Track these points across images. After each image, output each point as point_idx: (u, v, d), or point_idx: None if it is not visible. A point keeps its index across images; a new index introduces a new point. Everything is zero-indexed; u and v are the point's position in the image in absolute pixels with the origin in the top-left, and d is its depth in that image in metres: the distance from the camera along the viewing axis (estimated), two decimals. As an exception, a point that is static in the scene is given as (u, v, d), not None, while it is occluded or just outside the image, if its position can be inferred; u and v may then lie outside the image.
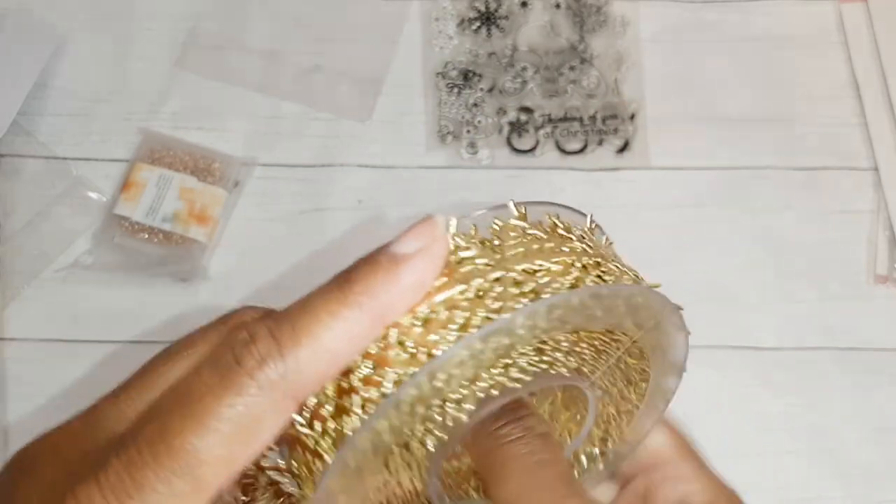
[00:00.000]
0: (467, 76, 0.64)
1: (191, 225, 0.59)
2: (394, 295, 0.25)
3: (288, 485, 0.29)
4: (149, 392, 0.26)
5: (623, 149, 0.62)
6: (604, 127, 0.63)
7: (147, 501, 0.23)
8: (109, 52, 0.64)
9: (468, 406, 0.26)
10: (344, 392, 0.26)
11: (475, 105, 0.63)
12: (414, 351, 0.25)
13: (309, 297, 0.26)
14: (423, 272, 0.25)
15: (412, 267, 0.25)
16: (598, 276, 0.27)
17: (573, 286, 0.26)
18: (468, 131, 0.63)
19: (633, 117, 0.63)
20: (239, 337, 0.25)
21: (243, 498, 0.30)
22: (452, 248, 0.27)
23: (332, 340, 0.25)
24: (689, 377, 0.58)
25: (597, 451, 0.33)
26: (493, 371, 0.26)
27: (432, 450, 0.27)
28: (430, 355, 0.25)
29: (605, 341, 0.29)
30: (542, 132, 0.63)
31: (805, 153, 0.63)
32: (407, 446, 0.27)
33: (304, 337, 0.25)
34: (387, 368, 0.25)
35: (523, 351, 0.27)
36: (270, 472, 0.28)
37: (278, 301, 0.62)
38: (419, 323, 0.25)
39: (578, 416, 0.32)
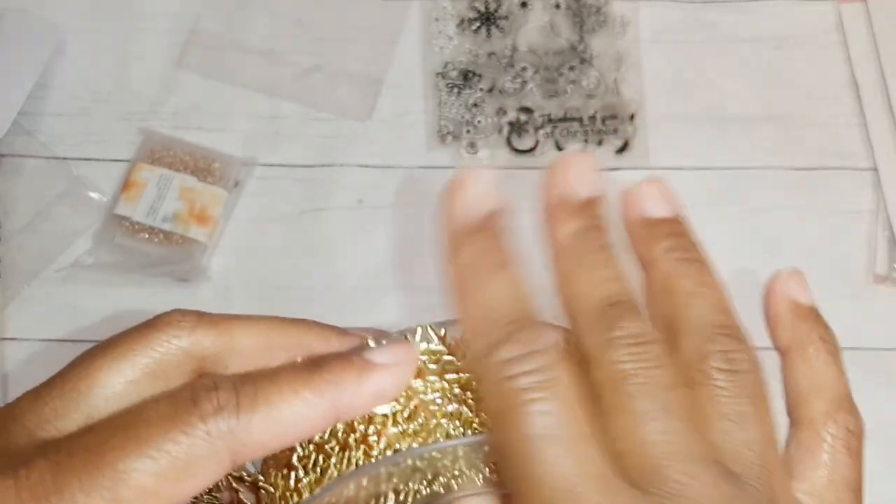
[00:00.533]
0: (467, 76, 0.64)
1: (191, 225, 0.59)
2: (356, 395, 0.26)
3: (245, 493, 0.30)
4: (70, 393, 0.26)
5: (623, 149, 0.62)
6: (603, 127, 0.63)
7: None
8: (109, 52, 0.64)
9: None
10: (352, 430, 0.27)
11: (475, 105, 0.63)
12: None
13: (278, 370, 0.27)
14: (387, 385, 0.27)
15: (380, 376, 0.27)
16: None
17: None
18: (468, 131, 0.63)
19: (632, 117, 0.63)
20: (204, 381, 0.26)
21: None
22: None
23: (287, 415, 0.25)
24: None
25: None
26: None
27: None
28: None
29: None
30: (541, 132, 0.63)
31: (804, 153, 0.63)
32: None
33: (263, 403, 0.25)
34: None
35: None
36: (237, 483, 0.29)
37: (280, 301, 0.63)
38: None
39: None
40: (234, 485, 0.30)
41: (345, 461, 0.27)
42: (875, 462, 0.56)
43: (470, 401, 0.28)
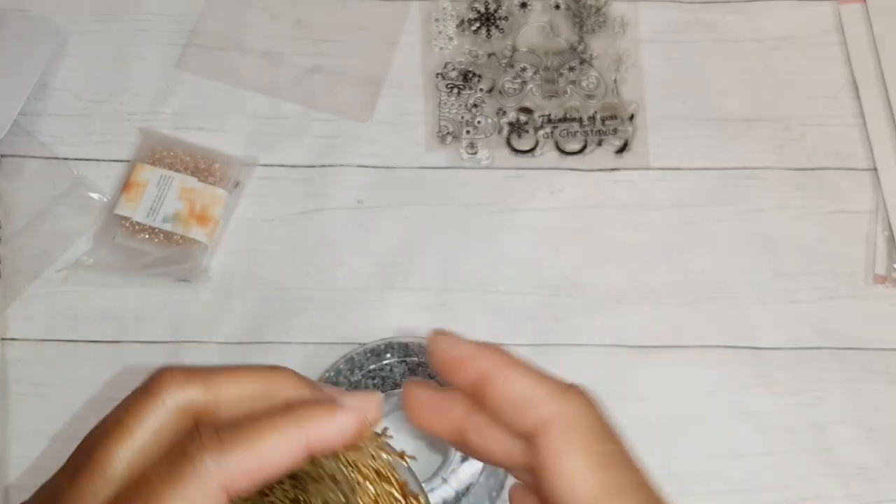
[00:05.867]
0: (467, 77, 0.64)
1: (191, 225, 0.59)
2: (325, 429, 0.30)
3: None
4: (99, 483, 0.29)
5: (622, 149, 0.62)
6: (603, 127, 0.63)
7: None
8: (110, 53, 0.65)
9: None
10: None
11: (475, 105, 0.63)
12: None
13: (257, 411, 0.31)
14: (350, 423, 0.31)
15: (345, 416, 0.31)
16: None
17: None
18: (468, 132, 0.63)
19: (632, 118, 0.63)
20: (191, 433, 0.30)
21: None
22: None
23: (266, 448, 0.29)
24: (689, 377, 0.58)
25: None
26: None
27: None
28: None
29: None
30: (541, 133, 0.63)
31: (804, 153, 0.63)
32: None
33: (244, 439, 0.29)
34: None
35: None
36: None
37: (280, 301, 0.63)
38: None
39: None
40: None
41: None
42: (875, 461, 0.57)
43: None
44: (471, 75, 0.64)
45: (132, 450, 0.30)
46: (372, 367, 0.55)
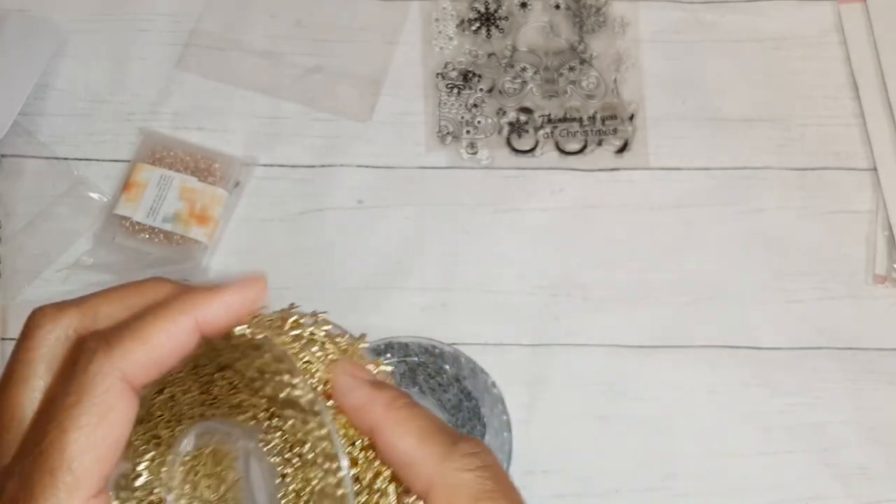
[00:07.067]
0: (467, 76, 0.64)
1: (191, 225, 0.59)
2: (211, 308, 0.31)
3: None
4: (6, 434, 0.30)
5: (622, 149, 0.62)
6: (603, 127, 0.63)
7: None
8: (110, 53, 0.65)
9: None
10: None
11: (475, 105, 0.63)
12: None
13: (140, 310, 0.31)
14: (234, 299, 0.32)
15: (227, 293, 0.31)
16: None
17: None
18: (468, 131, 0.63)
19: (632, 118, 0.63)
20: (76, 343, 0.30)
21: None
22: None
23: (156, 333, 0.29)
24: (689, 377, 0.58)
25: None
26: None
27: None
28: None
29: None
30: (541, 132, 0.63)
31: (804, 153, 0.63)
32: None
33: (129, 331, 0.29)
34: None
35: None
36: None
37: (280, 301, 0.62)
38: None
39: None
40: None
41: None
42: (876, 461, 0.57)
43: None
44: (471, 75, 0.64)
45: (32, 390, 0.30)
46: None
